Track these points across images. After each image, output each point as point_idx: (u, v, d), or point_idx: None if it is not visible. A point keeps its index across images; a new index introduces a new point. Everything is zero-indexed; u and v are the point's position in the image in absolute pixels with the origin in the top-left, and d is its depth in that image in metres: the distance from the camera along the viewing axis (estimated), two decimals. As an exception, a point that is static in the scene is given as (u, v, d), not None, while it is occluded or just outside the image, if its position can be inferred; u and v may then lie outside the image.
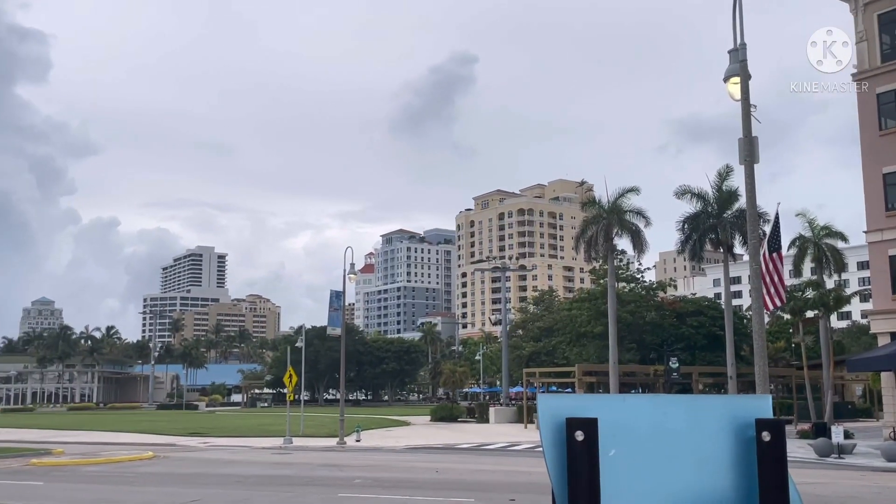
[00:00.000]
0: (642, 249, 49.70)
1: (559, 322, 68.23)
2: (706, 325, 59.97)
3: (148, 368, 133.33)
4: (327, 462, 28.31)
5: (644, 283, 66.45)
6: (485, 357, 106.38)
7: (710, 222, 45.50)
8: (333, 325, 42.42)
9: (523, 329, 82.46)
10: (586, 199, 58.10)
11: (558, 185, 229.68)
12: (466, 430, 49.32)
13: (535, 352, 69.58)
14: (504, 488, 19.76)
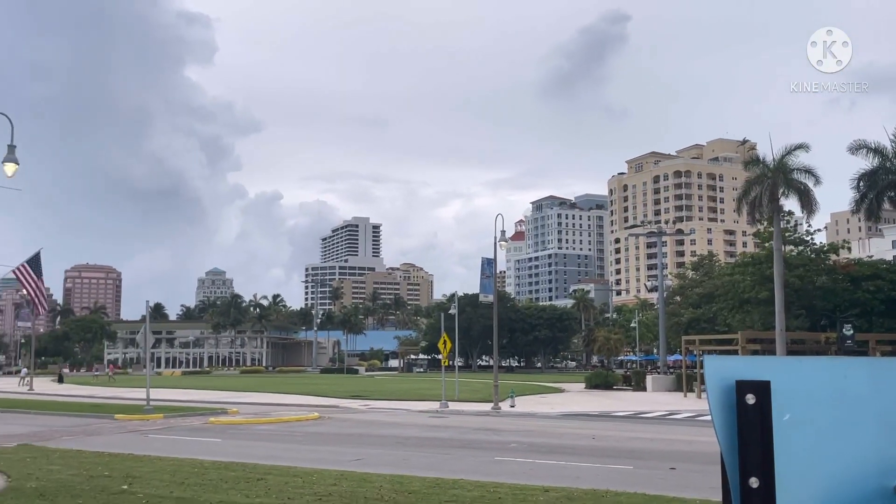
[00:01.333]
0: (811, 210, 46.71)
1: (720, 288, 65.52)
2: (885, 289, 55.70)
3: (311, 334, 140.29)
4: (482, 426, 28.76)
5: (814, 245, 62.48)
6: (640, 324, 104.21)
7: (890, 178, 42.10)
8: (486, 292, 42.82)
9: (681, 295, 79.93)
10: (749, 159, 55.11)
11: (717, 144, 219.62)
12: (622, 397, 48.62)
13: (695, 319, 67.32)
14: (664, 456, 19.34)
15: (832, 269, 58.60)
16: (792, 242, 59.42)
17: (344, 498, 12.17)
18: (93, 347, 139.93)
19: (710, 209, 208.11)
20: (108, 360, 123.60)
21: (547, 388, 57.45)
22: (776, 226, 47.14)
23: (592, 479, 14.88)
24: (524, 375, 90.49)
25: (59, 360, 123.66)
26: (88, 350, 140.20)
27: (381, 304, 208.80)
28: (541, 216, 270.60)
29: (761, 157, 48.05)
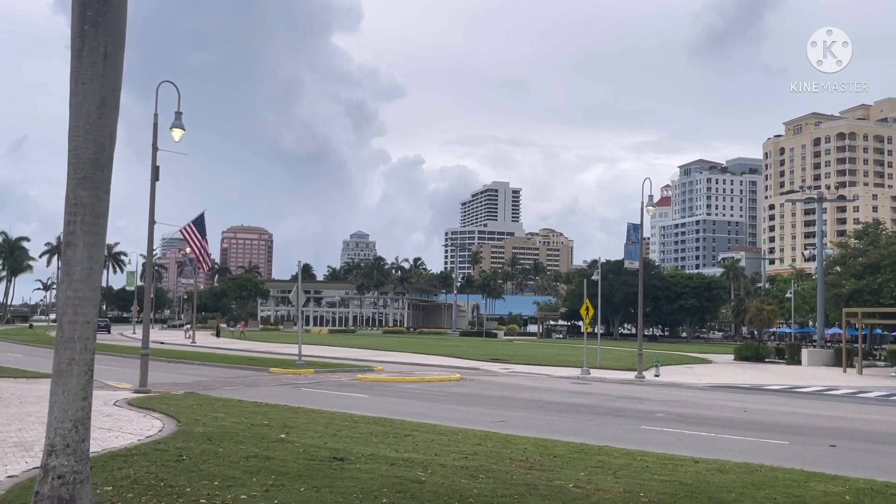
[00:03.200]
0: None
1: (887, 258, 61.09)
2: None
3: (451, 297, 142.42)
4: (626, 394, 28.30)
5: None
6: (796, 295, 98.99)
7: None
8: (631, 258, 41.87)
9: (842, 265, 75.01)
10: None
11: (886, 104, 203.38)
12: (774, 371, 46.49)
13: (857, 290, 63.11)
14: (822, 433, 18.34)
15: None
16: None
17: (489, 457, 12.29)
18: (248, 304, 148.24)
19: (876, 174, 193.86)
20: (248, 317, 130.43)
21: (693, 359, 55.79)
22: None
23: (744, 453, 14.32)
24: (668, 345, 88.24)
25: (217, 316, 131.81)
26: (244, 307, 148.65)
27: (519, 269, 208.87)
28: (689, 181, 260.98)
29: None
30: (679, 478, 11.10)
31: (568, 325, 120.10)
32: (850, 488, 10.73)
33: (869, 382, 37.74)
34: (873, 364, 47.87)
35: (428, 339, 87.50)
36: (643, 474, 11.31)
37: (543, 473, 11.03)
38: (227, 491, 8.96)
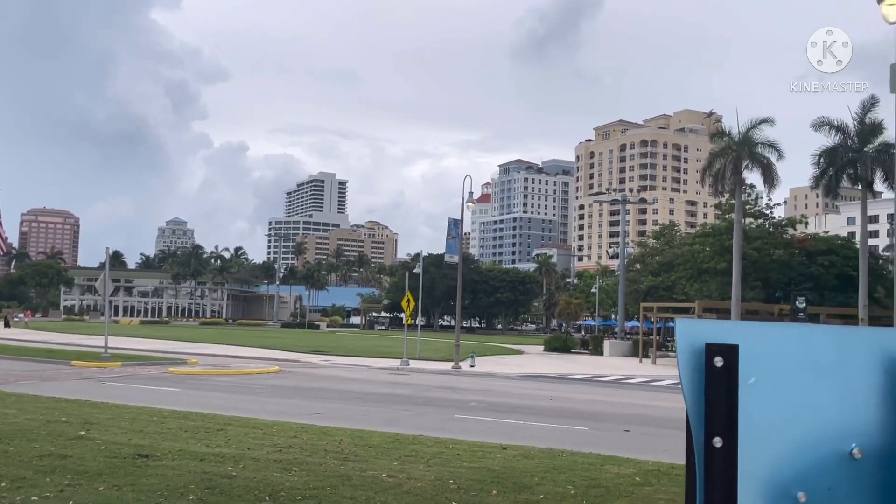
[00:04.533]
0: (773, 184, 47.50)
1: (680, 257, 66.50)
2: (838, 264, 57.01)
3: (273, 288, 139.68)
4: (443, 385, 29.05)
5: (773, 219, 63.62)
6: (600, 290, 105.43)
7: (850, 156, 42.86)
8: (451, 252, 42.94)
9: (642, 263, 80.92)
10: (715, 131, 55.67)
11: (684, 115, 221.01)
12: (580, 361, 49.39)
13: (654, 286, 68.32)
14: (618, 419, 19.75)
15: (789, 242, 59.75)
16: (752, 215, 60.36)
17: (304, 450, 12.26)
18: (49, 293, 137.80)
19: (673, 179, 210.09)
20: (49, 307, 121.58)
21: (507, 350, 58.08)
22: (738, 198, 47.83)
23: (549, 439, 15.17)
24: (485, 337, 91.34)
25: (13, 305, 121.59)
26: (44, 295, 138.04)
27: (344, 261, 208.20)
28: (507, 179, 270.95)
29: (727, 130, 48.54)
30: (487, 464, 11.59)
31: (390, 316, 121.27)
32: (640, 470, 11.67)
33: (662, 371, 41.00)
34: (666, 354, 52.05)
35: (247, 331, 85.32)
36: (454, 462, 11.71)
37: (358, 464, 11.16)
38: (15, 493, 8.38)
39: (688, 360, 3.42)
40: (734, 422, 3.32)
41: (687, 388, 3.44)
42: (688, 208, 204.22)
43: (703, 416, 3.37)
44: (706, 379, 3.37)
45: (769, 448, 3.43)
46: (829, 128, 43.16)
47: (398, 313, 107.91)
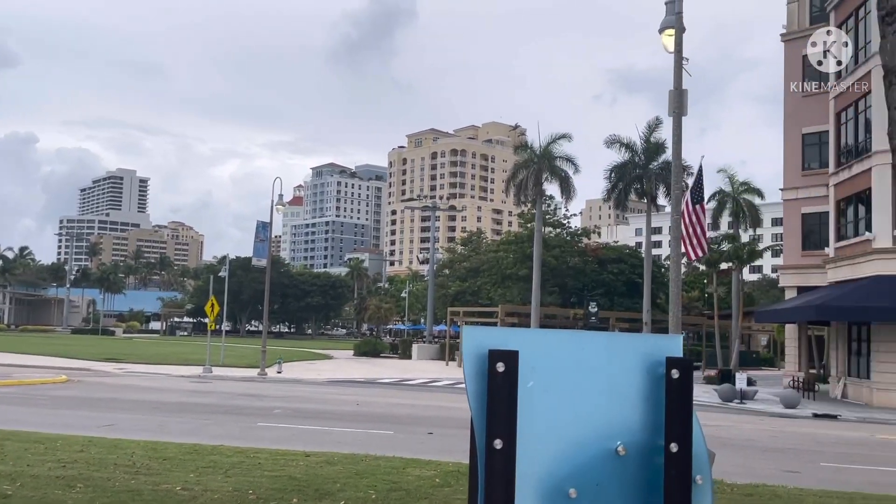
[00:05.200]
0: (570, 196, 50.45)
1: (486, 263, 69.04)
2: (626, 272, 61.57)
3: (63, 291, 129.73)
4: (247, 392, 28.30)
5: (570, 228, 67.60)
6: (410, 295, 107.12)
7: (637, 172, 46.36)
8: (259, 255, 41.96)
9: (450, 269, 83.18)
10: (519, 143, 58.38)
11: (492, 127, 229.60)
12: (389, 365, 49.87)
13: (461, 291, 70.41)
14: (423, 422, 20.16)
15: (584, 251, 63.77)
16: (551, 225, 63.86)
17: (91, 465, 11.51)
18: None
19: (481, 188, 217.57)
20: None
21: (316, 355, 57.53)
22: (538, 208, 50.36)
23: (354, 444, 15.21)
24: (294, 342, 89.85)
25: None
26: None
27: (144, 262, 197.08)
28: (320, 182, 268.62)
29: (530, 144, 51.03)
30: (289, 472, 11.44)
31: (194, 322, 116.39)
32: (440, 471, 11.98)
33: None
34: (471, 357, 53.61)
35: (33, 338, 78.59)
36: (254, 471, 11.46)
37: (150, 478, 10.63)
38: None
39: (473, 366, 3.61)
40: (513, 424, 3.53)
41: (472, 392, 3.62)
42: (494, 216, 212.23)
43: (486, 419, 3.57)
44: (489, 383, 3.56)
45: (545, 448, 3.68)
46: (620, 145, 46.51)
47: (202, 318, 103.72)
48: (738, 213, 48.30)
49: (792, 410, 27.51)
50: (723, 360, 46.34)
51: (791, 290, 39.58)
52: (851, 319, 31.60)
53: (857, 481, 13.42)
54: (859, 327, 32.10)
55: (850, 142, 33.57)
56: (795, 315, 35.57)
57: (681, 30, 13.05)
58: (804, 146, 38.79)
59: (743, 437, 20.06)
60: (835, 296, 31.16)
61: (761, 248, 55.23)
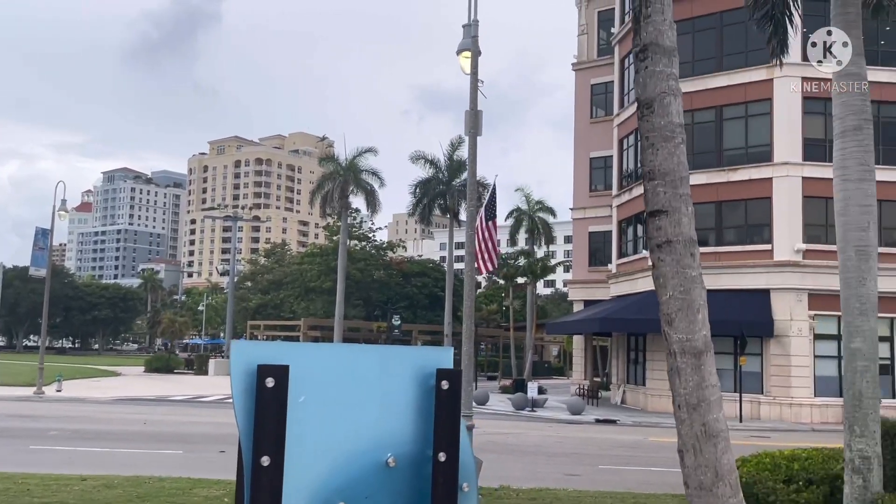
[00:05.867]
0: (375, 209, 50.82)
1: (289, 276, 67.96)
2: (429, 285, 62.96)
3: None
4: (20, 413, 25.94)
5: (376, 242, 68.12)
6: (209, 308, 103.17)
7: (440, 188, 47.59)
8: (37, 265, 38.71)
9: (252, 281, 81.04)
10: (325, 155, 58.07)
11: (299, 137, 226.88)
12: (183, 381, 47.67)
13: (263, 304, 68.79)
14: (216, 440, 19.42)
15: (389, 264, 64.50)
16: (357, 238, 64.06)
17: None
18: None
19: (287, 199, 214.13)
20: None
21: (102, 372, 53.82)
22: (344, 221, 50.33)
23: (138, 466, 14.38)
24: (79, 358, 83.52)
25: None
26: None
27: None
28: (112, 188, 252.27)
29: (336, 156, 50.95)
30: (62, 498, 10.62)
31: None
32: (229, 490, 11.59)
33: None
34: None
35: None
36: (22, 499, 10.54)
37: None
38: None
39: (241, 382, 3.53)
40: (282, 440, 3.49)
41: (240, 410, 3.54)
42: (300, 228, 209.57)
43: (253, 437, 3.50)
44: (257, 399, 3.50)
45: (316, 463, 3.68)
46: (425, 161, 47.56)
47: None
48: (534, 230, 50.92)
49: (577, 417, 29.28)
50: (518, 371, 48.49)
51: (579, 304, 42.21)
52: (630, 331, 34.19)
53: (632, 481, 14.50)
54: (637, 338, 34.81)
55: (630, 167, 36.41)
56: (582, 327, 37.99)
57: (476, 53, 13.58)
58: (592, 169, 41.61)
59: (531, 444, 21.07)
60: (616, 309, 33.60)
61: (554, 264, 58.59)
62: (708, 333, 5.26)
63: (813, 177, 28.72)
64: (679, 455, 5.24)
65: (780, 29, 10.91)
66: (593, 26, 41.99)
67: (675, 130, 5.20)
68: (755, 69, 30.08)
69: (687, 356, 5.05)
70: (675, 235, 5.01)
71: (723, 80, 31.69)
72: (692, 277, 5.15)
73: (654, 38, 5.35)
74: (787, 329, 29.49)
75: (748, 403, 29.34)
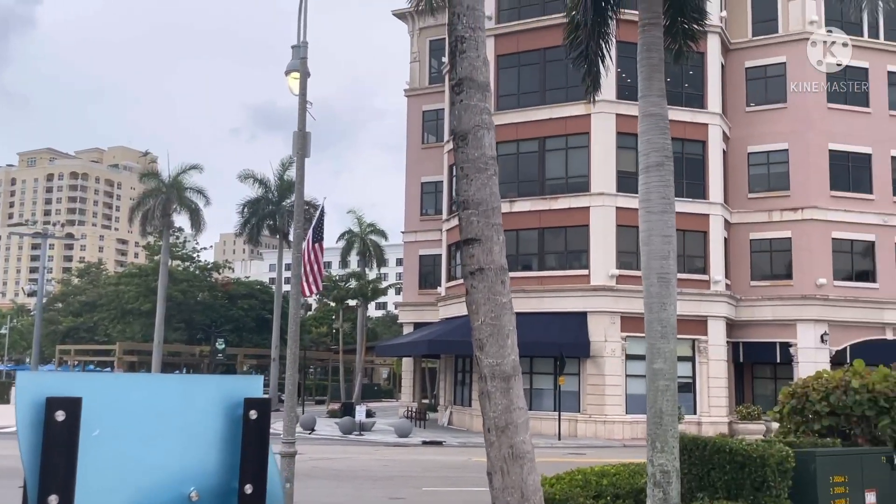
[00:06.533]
0: (200, 228, 49.06)
1: (105, 297, 63.97)
2: (257, 308, 61.37)
3: None
4: None
5: (200, 262, 65.63)
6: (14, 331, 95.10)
7: (270, 209, 46.72)
8: None
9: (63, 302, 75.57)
10: (147, 171, 55.41)
11: (119, 151, 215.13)
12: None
13: (74, 327, 64.29)
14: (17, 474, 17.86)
15: (213, 286, 62.30)
16: (179, 258, 61.49)
17: None
18: None
19: (105, 216, 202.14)
20: None
21: None
22: (165, 240, 48.20)
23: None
24: None
25: None
26: None
27: None
28: None
29: (159, 172, 48.79)
30: None
31: None
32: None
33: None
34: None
35: None
36: None
37: None
38: None
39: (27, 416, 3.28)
40: (72, 477, 3.27)
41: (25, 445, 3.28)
42: (119, 247, 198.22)
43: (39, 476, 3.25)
44: (45, 434, 3.26)
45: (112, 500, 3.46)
46: (254, 181, 46.55)
47: None
48: (366, 252, 51.01)
49: (405, 439, 29.43)
50: (347, 394, 48.15)
51: (409, 326, 42.61)
52: (457, 353, 34.90)
53: (453, 502, 14.75)
54: (464, 360, 35.59)
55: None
56: (411, 349, 38.36)
57: (306, 74, 13.52)
58: (423, 193, 42.32)
59: (358, 468, 20.95)
60: (444, 331, 34.20)
61: (385, 286, 58.87)
62: (517, 358, 5.47)
63: (626, 207, 30.64)
64: (488, 477, 5.40)
65: (594, 69, 11.61)
66: (425, 54, 42.92)
67: (488, 163, 5.40)
68: (575, 104, 31.82)
69: (497, 380, 5.23)
70: (488, 263, 5.20)
71: (546, 113, 33.31)
72: (503, 304, 5.34)
73: (468, 73, 5.55)
74: (601, 350, 31.19)
75: (566, 421, 30.70)
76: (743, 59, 35.99)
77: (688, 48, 11.89)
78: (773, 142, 35.03)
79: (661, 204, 9.52)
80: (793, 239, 34.29)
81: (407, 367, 43.80)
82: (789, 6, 35.33)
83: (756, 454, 9.22)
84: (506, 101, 34.35)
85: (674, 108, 33.17)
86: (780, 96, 35.28)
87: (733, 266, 34.73)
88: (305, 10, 12.98)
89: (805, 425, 11.58)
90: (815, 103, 34.61)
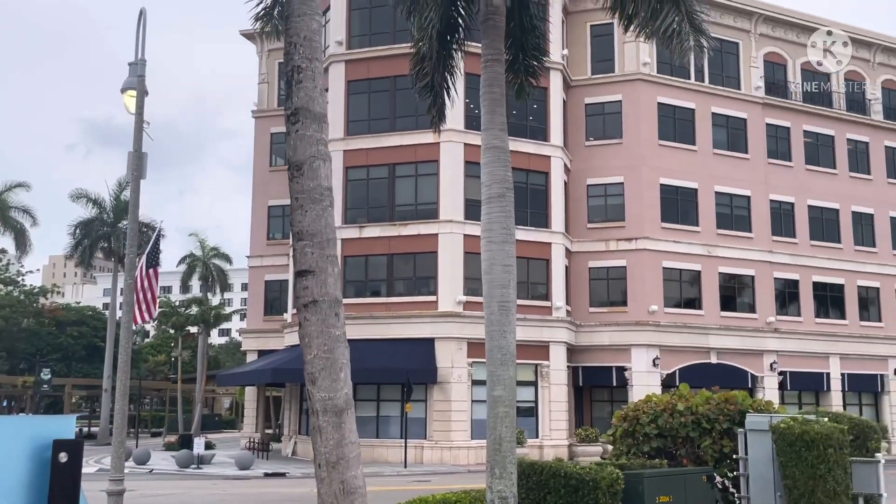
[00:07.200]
0: (26, 250, 45.72)
1: None
2: (88, 335, 57.71)
3: None
4: None
5: (25, 287, 61.05)
6: None
7: (105, 230, 44.33)
8: None
9: None
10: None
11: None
12: None
13: None
14: None
15: (39, 312, 58.12)
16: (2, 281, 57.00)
17: None
18: None
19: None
20: None
21: None
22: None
23: None
24: None
25: None
26: None
27: None
28: None
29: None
30: None
31: None
32: None
33: None
34: None
35: None
36: None
37: None
38: None
39: None
40: None
41: None
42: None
43: None
44: None
45: None
46: (87, 200, 43.99)
47: None
48: (208, 277, 49.20)
49: (246, 472, 28.40)
50: (186, 425, 46.02)
51: (253, 354, 41.35)
52: (303, 381, 34.06)
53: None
54: (310, 387, 34.86)
55: (307, 217, 36.79)
56: (254, 378, 37.21)
57: (143, 93, 12.93)
58: (270, 217, 41.40)
59: (193, 503, 19.98)
60: (289, 358, 33.41)
61: (229, 312, 56.98)
62: (350, 391, 5.37)
63: (473, 234, 31.18)
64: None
65: (439, 100, 11.79)
66: (273, 75, 42.23)
67: (323, 193, 5.31)
68: (424, 132, 32.16)
69: (329, 414, 5.11)
70: (321, 295, 5.09)
71: (396, 140, 33.54)
72: (336, 337, 5.24)
73: (304, 104, 5.46)
74: (448, 376, 31.49)
75: (413, 448, 30.68)
76: (583, 95, 37.80)
77: (529, 83, 12.31)
78: (610, 175, 36.90)
79: (502, 234, 9.74)
80: (627, 267, 36.14)
81: (250, 396, 42.44)
82: (625, 48, 37.51)
83: (588, 477, 9.55)
84: (356, 127, 34.32)
85: (518, 139, 34.45)
86: (616, 132, 37.30)
87: (573, 293, 36.13)
88: (144, 26, 12.43)
89: (636, 447, 12.13)
90: (648, 140, 36.85)
